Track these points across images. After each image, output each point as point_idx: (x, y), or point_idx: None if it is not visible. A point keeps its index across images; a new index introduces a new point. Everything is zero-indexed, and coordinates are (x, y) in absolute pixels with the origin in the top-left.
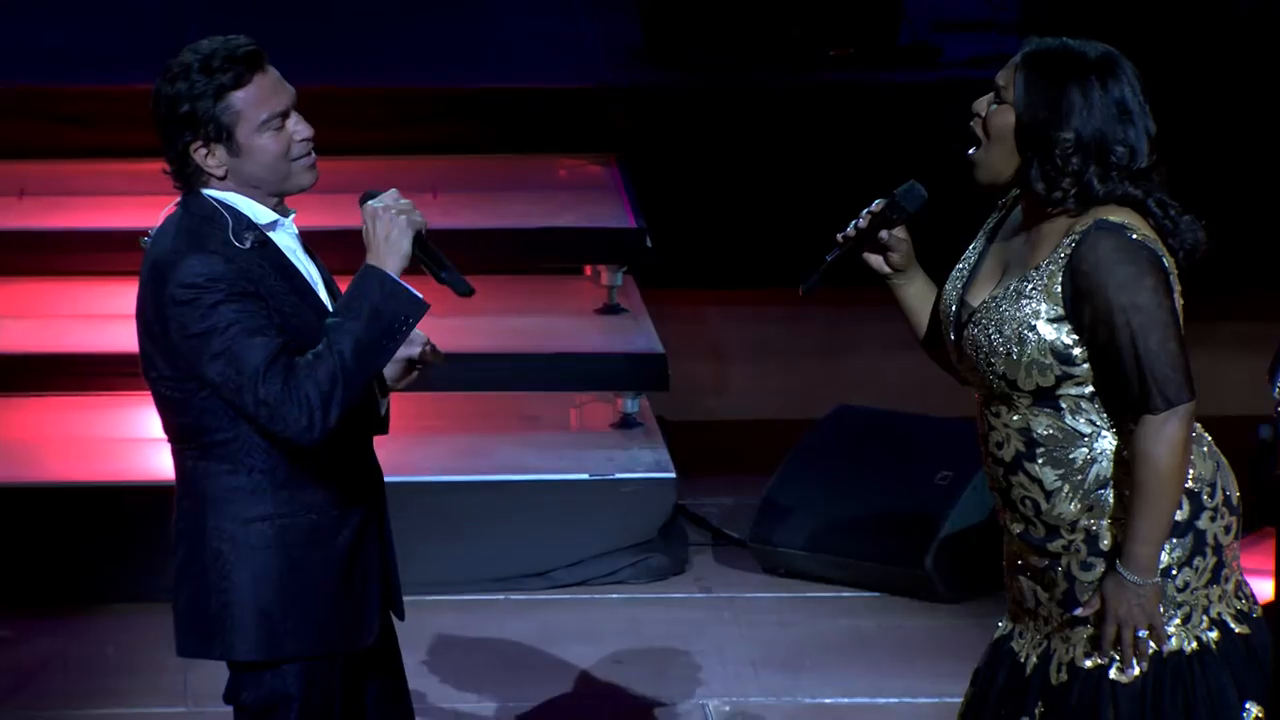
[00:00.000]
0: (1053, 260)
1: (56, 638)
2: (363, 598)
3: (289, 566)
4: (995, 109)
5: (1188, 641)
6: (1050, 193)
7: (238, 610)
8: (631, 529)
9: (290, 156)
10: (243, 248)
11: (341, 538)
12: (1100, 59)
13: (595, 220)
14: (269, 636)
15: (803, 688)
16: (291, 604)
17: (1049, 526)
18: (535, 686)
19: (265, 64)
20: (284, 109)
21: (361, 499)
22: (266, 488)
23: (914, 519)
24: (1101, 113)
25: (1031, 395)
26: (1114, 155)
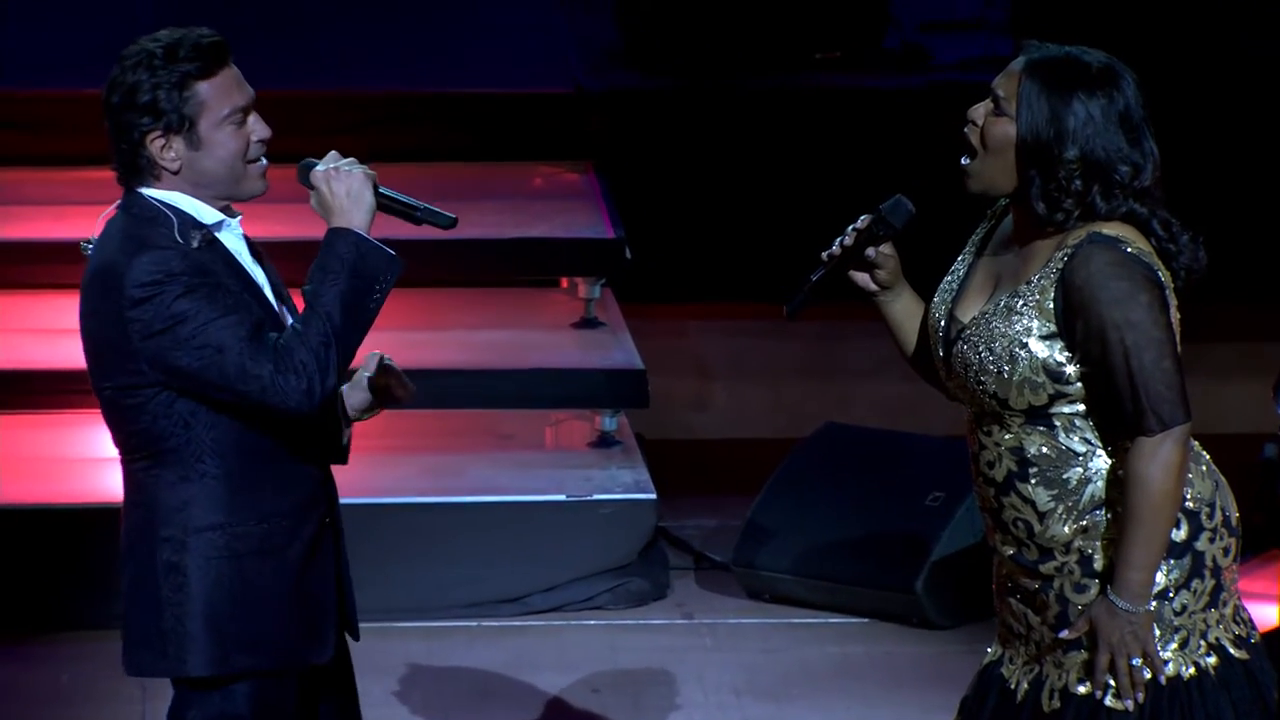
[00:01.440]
0: (1045, 274)
1: (8, 665)
2: (317, 613)
3: (241, 577)
4: (994, 120)
5: (1185, 667)
6: (1052, 214)
7: (190, 623)
8: (610, 552)
9: (247, 157)
10: (190, 247)
11: (294, 550)
12: (1103, 70)
13: (572, 230)
14: (221, 650)
15: (787, 717)
16: (244, 616)
17: (1042, 548)
18: (508, 717)
19: (229, 57)
20: (245, 104)
21: (316, 515)
22: (219, 495)
23: (904, 541)
24: (1106, 130)
25: (1024, 414)
26: (1118, 174)
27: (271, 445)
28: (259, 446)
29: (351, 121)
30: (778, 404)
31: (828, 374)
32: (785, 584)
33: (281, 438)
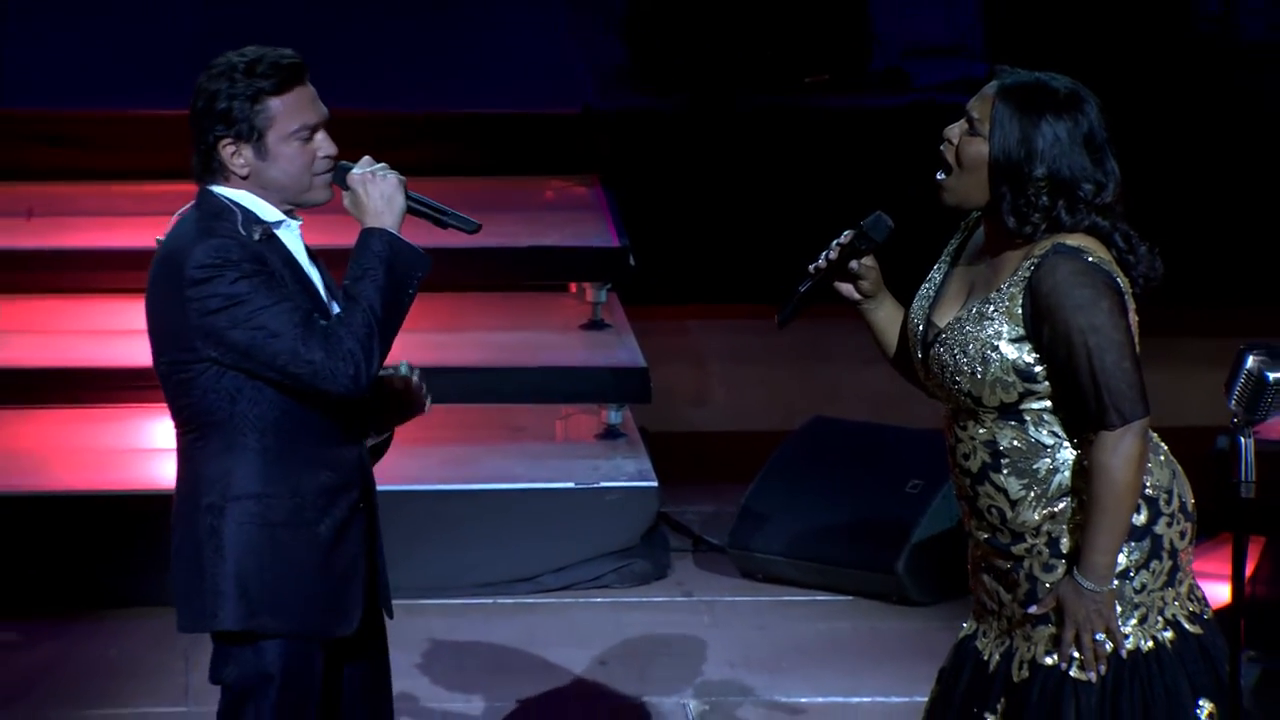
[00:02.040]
0: (1013, 282)
1: (61, 641)
2: (344, 587)
3: (271, 544)
4: (969, 139)
5: (1144, 641)
6: (1021, 227)
7: (223, 582)
8: (615, 535)
9: (313, 170)
10: (251, 239)
11: (325, 525)
12: (1069, 95)
13: (580, 239)
14: (249, 608)
15: (780, 688)
16: (273, 580)
17: (1013, 533)
18: (522, 687)
19: (305, 78)
20: (315, 123)
21: (349, 495)
22: (257, 467)
23: (886, 526)
24: (1071, 151)
25: (996, 410)
26: (1082, 191)
27: (309, 427)
28: (297, 427)
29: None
30: (770, 399)
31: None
32: (777, 565)
33: (318, 421)
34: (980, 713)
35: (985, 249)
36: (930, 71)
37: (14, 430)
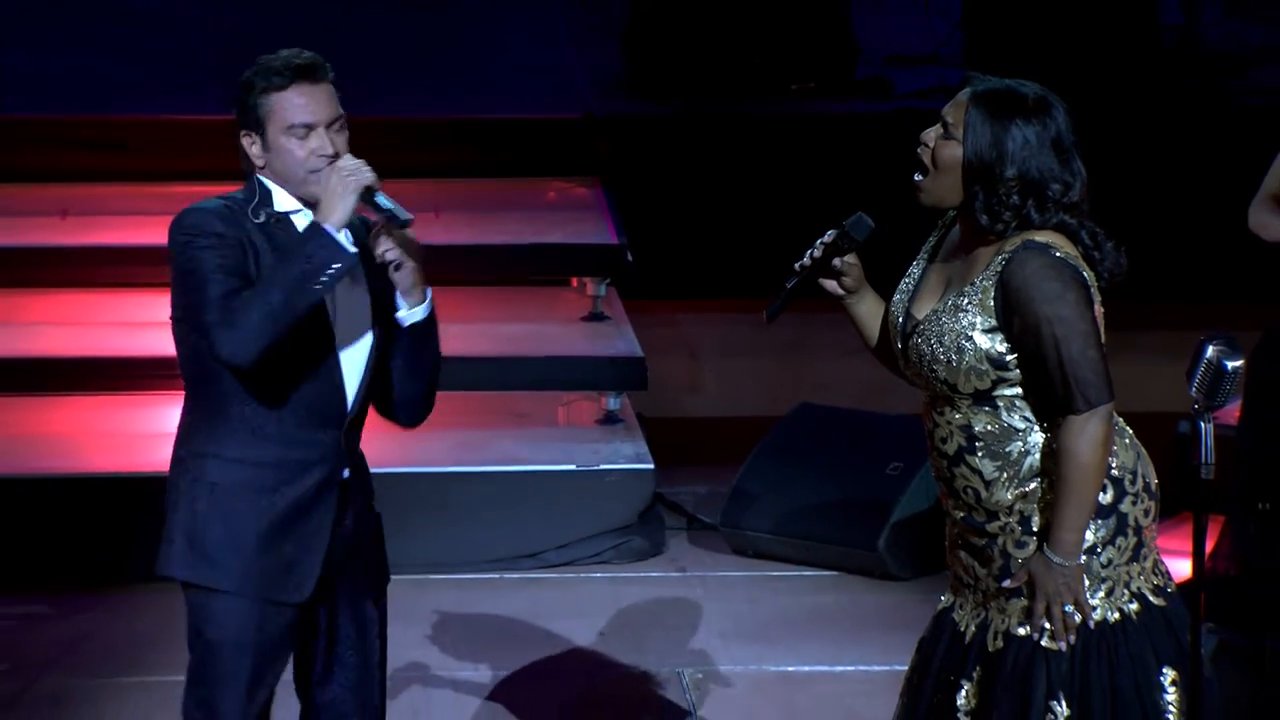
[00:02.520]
0: (986, 276)
1: (91, 614)
2: (298, 557)
3: (219, 504)
4: (944, 143)
5: (1111, 612)
6: (993, 225)
7: (174, 531)
8: (614, 515)
9: (308, 167)
10: (255, 220)
11: (282, 497)
12: (1038, 101)
13: (581, 237)
14: (194, 560)
15: (768, 657)
16: (218, 538)
17: (988, 511)
18: (526, 657)
19: (318, 77)
20: (310, 121)
21: (316, 474)
22: (218, 429)
23: (868, 505)
24: (1040, 153)
25: (971, 397)
26: (1050, 191)
27: (287, 405)
28: (263, 400)
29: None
30: (759, 387)
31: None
32: (766, 542)
33: (297, 401)
34: (957, 680)
35: (960, 246)
36: (911, 79)
37: (49, 416)
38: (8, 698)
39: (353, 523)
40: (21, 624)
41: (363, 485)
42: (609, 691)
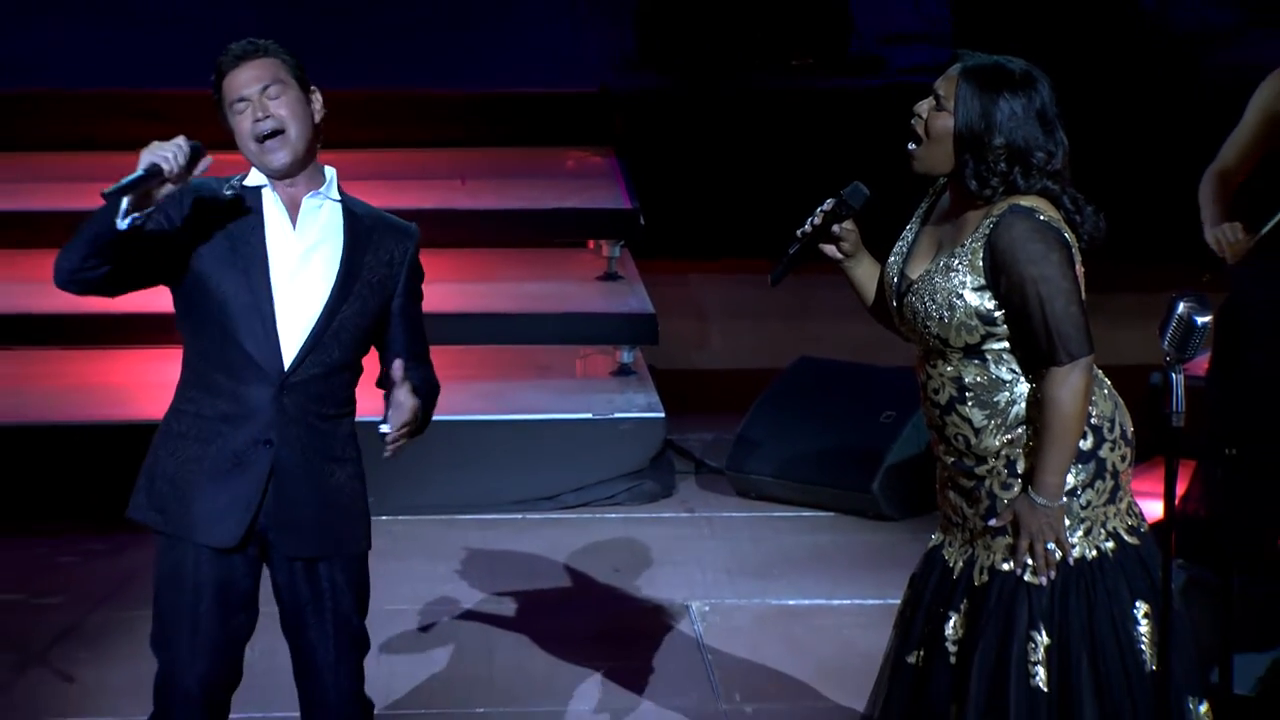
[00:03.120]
0: (975, 239)
1: (142, 551)
2: (228, 507)
3: (173, 451)
4: (936, 114)
5: (1089, 550)
6: (981, 190)
7: (141, 479)
8: (627, 460)
9: (254, 136)
10: (222, 195)
11: (218, 449)
12: (1024, 76)
13: (597, 202)
14: (145, 502)
15: (770, 591)
16: (166, 483)
17: (977, 456)
18: (546, 591)
19: (254, 56)
20: (245, 95)
21: (247, 431)
22: (184, 382)
23: (863, 451)
24: (1026, 124)
25: (961, 350)
26: (1035, 159)
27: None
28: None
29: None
30: (762, 341)
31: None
32: (768, 485)
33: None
34: (945, 612)
35: (950, 211)
36: (903, 56)
37: (106, 368)
38: (65, 626)
39: (284, 485)
40: (80, 560)
41: (308, 452)
42: (622, 623)
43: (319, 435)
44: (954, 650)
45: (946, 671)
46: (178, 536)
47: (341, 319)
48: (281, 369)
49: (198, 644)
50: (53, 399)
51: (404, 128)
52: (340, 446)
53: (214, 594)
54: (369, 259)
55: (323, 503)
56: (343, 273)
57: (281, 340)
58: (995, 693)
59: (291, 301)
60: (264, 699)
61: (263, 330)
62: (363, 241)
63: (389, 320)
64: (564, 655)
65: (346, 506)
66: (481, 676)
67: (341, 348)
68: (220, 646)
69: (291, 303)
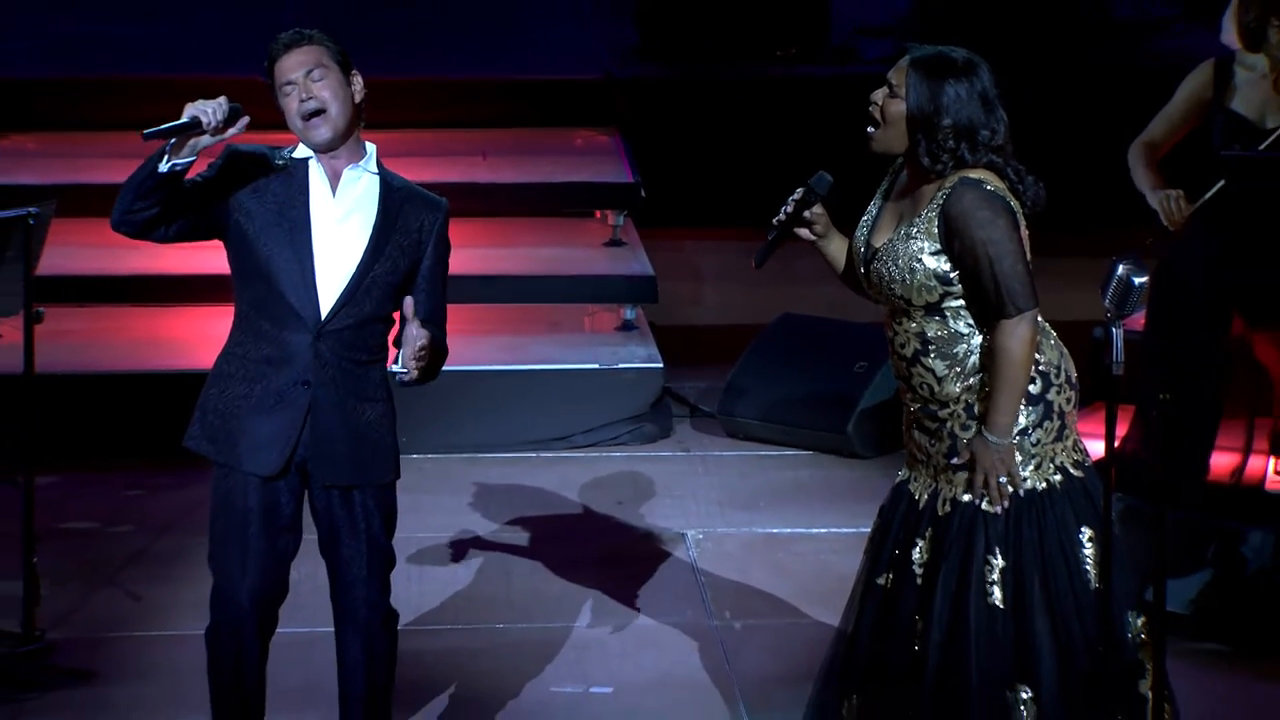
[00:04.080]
0: (930, 209)
1: (203, 485)
2: (270, 438)
3: (222, 388)
4: (890, 100)
5: (1039, 482)
6: (934, 165)
7: (196, 413)
8: (630, 405)
9: (299, 114)
10: (275, 164)
11: (262, 388)
12: (966, 62)
13: (602, 176)
14: (198, 433)
15: (757, 521)
16: (216, 417)
17: (940, 402)
18: (558, 521)
19: (300, 44)
20: (292, 78)
21: (288, 373)
22: (238, 329)
23: (838, 397)
24: (970, 104)
25: (923, 309)
26: (980, 136)
27: (265, 310)
28: (258, 307)
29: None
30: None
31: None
32: (754, 427)
33: (271, 307)
34: (911, 539)
35: (907, 186)
36: (875, 48)
37: (170, 323)
38: (134, 553)
39: (321, 421)
40: (148, 493)
41: (343, 392)
42: (626, 549)
43: (352, 378)
44: (920, 572)
45: (913, 590)
46: (228, 465)
47: (374, 276)
48: (319, 318)
49: (247, 561)
50: (123, 351)
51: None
52: (372, 389)
53: (260, 516)
54: (400, 225)
55: (354, 437)
56: (375, 235)
57: (320, 293)
58: (957, 609)
59: (329, 259)
60: (311, 616)
61: (303, 284)
62: (395, 210)
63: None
64: (573, 577)
65: (376, 441)
66: (500, 596)
67: (373, 302)
68: (267, 563)
69: (329, 260)
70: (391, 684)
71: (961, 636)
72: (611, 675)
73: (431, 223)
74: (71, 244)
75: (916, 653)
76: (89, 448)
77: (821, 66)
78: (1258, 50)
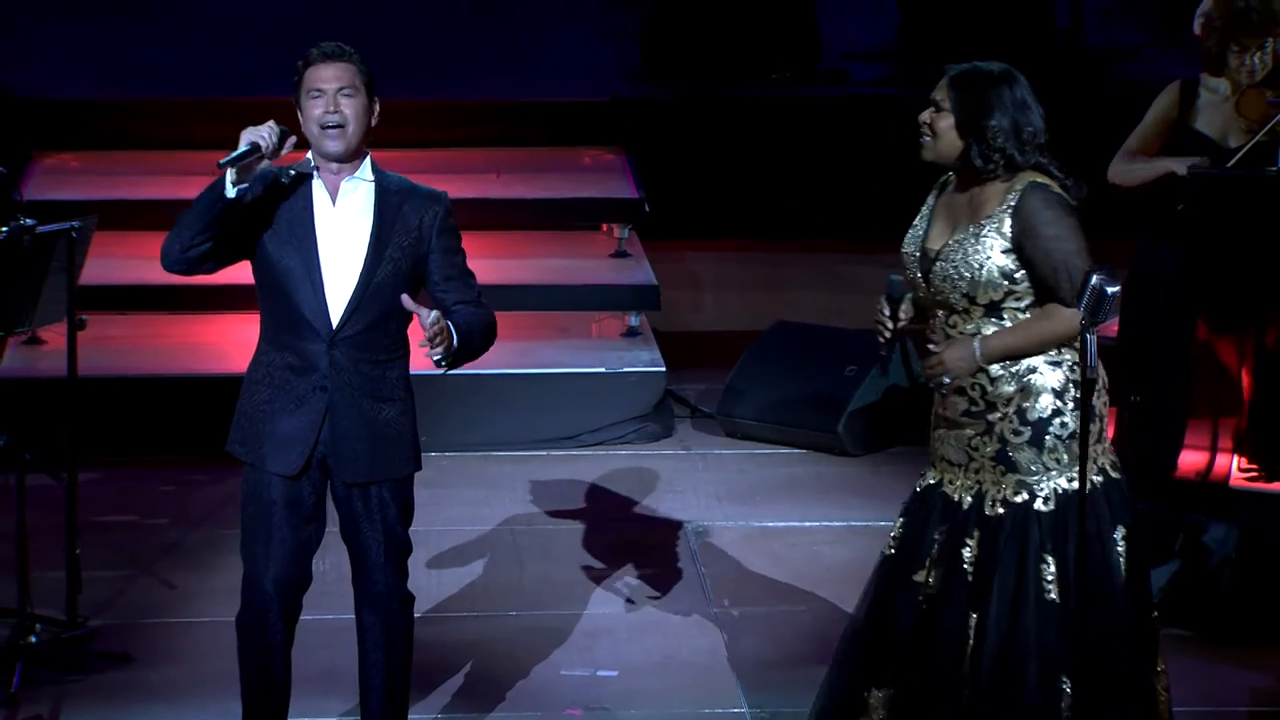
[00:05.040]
0: (1001, 209)
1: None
2: (290, 442)
3: (252, 394)
4: (937, 116)
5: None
6: (986, 165)
7: (234, 419)
8: (634, 405)
9: (320, 123)
10: (282, 180)
11: (285, 394)
12: (1002, 72)
13: (609, 192)
14: (234, 436)
15: (753, 515)
16: (245, 420)
17: (989, 403)
18: (567, 514)
19: (339, 59)
20: (321, 87)
21: (308, 379)
22: (263, 339)
23: (830, 398)
24: (1013, 107)
25: (984, 308)
26: (1024, 135)
27: (283, 322)
28: (277, 319)
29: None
30: (746, 308)
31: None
32: (752, 427)
33: (287, 319)
34: (960, 539)
35: (961, 193)
36: (862, 71)
37: (202, 330)
38: (170, 544)
39: (339, 423)
40: (183, 487)
41: (358, 394)
42: (631, 541)
43: (369, 379)
44: (970, 570)
45: (964, 588)
46: (255, 465)
47: (379, 281)
48: (331, 327)
49: (272, 551)
50: (160, 356)
51: (449, 130)
52: (389, 388)
53: (285, 510)
54: (400, 225)
55: (372, 436)
56: (374, 241)
57: (329, 303)
58: (1016, 606)
59: (335, 270)
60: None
61: (314, 296)
62: (392, 212)
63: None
64: (582, 567)
65: (394, 438)
66: (513, 584)
67: (382, 304)
68: (291, 552)
69: (335, 271)
70: (409, 662)
71: (1022, 632)
72: (618, 659)
73: (432, 217)
74: (112, 256)
75: (972, 648)
76: (128, 446)
77: (814, 88)
78: (1219, 74)
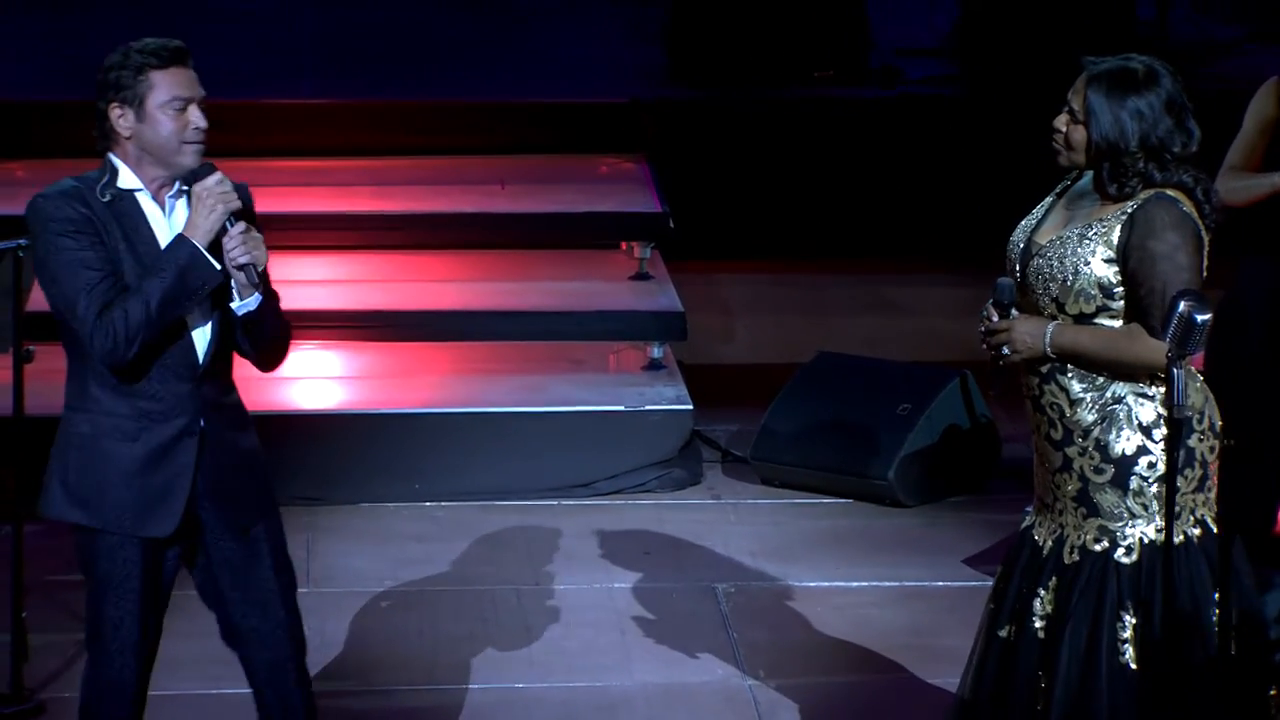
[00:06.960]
0: (1116, 216)
1: None
2: (161, 497)
3: (91, 451)
4: (1073, 126)
5: (1177, 535)
6: (1120, 190)
7: (51, 476)
8: (657, 449)
9: (183, 138)
10: (102, 200)
11: (143, 443)
12: (1148, 73)
13: (629, 206)
14: (66, 502)
15: (791, 574)
16: (89, 482)
17: (1067, 430)
18: (580, 573)
19: (187, 61)
20: (188, 97)
21: (173, 424)
22: (89, 387)
23: (880, 441)
24: (1157, 120)
25: (1073, 319)
26: (1170, 152)
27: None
28: None
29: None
30: (784, 337)
31: (821, 314)
32: (790, 473)
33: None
34: (1034, 588)
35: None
36: (916, 68)
37: None
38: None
39: (216, 464)
40: None
41: (227, 429)
42: (653, 603)
43: (228, 410)
44: (1041, 625)
45: (1035, 646)
46: (108, 530)
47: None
48: (198, 363)
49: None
50: None
51: (447, 136)
52: (242, 413)
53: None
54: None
55: (247, 470)
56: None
57: (194, 336)
58: (1086, 669)
59: None
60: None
61: (177, 330)
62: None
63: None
64: (598, 633)
65: (260, 468)
66: (519, 653)
67: (231, 325)
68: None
69: None
70: None
71: (1091, 699)
72: None
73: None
74: None
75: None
76: None
77: (861, 89)
78: None
